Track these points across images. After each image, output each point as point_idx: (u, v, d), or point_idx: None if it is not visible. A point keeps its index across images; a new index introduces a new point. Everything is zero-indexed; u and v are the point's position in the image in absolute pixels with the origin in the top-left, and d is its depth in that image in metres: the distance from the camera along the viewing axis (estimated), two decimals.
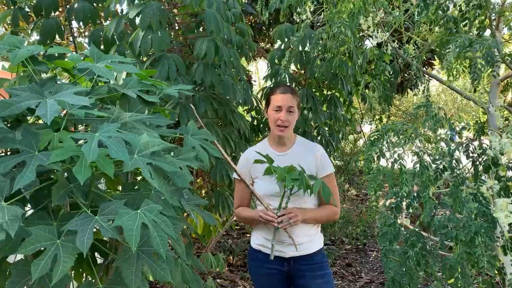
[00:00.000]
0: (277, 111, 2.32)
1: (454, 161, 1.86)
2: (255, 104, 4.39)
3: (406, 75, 6.62)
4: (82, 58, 1.60)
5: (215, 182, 3.54)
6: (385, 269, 1.95)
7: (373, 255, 5.69)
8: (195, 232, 2.42)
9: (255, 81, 5.59)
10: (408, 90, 7.55)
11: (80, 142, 1.26)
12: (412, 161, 2.01)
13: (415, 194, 1.94)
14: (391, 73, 3.31)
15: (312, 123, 4.26)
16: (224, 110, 3.33)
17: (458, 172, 1.87)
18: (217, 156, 1.67)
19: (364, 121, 10.30)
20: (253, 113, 4.48)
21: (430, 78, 4.20)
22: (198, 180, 4.56)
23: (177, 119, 3.05)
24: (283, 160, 2.30)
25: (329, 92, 4.47)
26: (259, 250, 2.40)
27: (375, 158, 2.01)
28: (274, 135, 2.37)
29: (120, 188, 1.72)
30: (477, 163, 1.90)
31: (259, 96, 4.52)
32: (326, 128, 4.52)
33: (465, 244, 1.73)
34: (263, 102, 4.35)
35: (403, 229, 1.99)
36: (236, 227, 6.40)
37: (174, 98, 3.01)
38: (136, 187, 1.48)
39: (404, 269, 1.82)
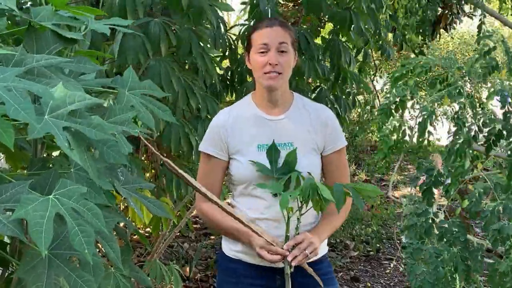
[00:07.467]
0: (263, 53, 2.26)
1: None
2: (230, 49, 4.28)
3: (439, 8, 6.63)
4: None
5: (169, 152, 3.48)
6: (411, 276, 1.98)
7: (391, 265, 5.77)
8: (136, 232, 2.39)
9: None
10: (441, 32, 7.55)
11: None
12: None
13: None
14: None
15: (308, 80, 4.21)
16: (190, 45, 3.22)
17: None
18: (169, 120, 1.65)
19: (378, 75, 10.34)
20: (225, 60, 4.40)
21: (472, 12, 4.22)
22: (142, 158, 4.53)
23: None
24: (277, 128, 2.31)
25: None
26: (238, 259, 2.38)
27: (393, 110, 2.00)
28: (262, 89, 2.34)
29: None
30: None
31: (233, 35, 4.40)
32: (326, 87, 4.46)
33: None
34: (238, 43, 4.27)
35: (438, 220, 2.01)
36: (195, 225, 6.39)
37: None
38: (51, 164, 1.45)
39: (436, 277, 1.84)
